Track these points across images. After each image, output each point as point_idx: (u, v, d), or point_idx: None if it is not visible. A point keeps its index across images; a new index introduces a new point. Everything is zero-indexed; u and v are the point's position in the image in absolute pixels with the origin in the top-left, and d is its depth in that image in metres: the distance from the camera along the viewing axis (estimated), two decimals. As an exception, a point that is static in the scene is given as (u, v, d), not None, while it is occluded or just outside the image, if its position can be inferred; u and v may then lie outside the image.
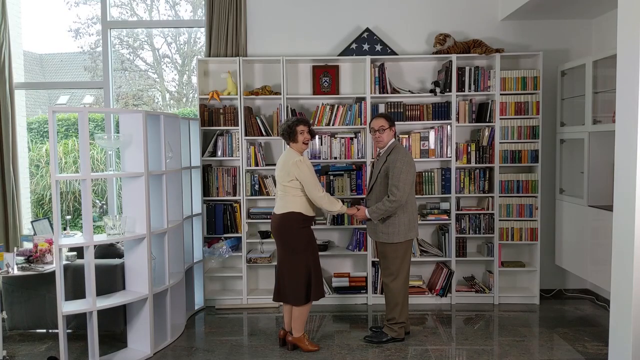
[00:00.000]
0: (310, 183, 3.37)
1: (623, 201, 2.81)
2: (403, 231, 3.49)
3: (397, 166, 3.41)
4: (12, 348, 3.64)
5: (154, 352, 3.52)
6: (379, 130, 3.54)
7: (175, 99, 6.73)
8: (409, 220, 3.52)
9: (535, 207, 4.41)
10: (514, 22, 4.59)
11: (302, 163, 3.38)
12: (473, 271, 4.70)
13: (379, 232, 3.55)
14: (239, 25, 4.53)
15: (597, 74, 3.88)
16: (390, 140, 3.58)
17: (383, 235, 3.53)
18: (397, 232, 3.49)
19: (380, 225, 3.53)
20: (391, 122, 3.60)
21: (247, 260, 4.48)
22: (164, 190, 3.63)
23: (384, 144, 3.57)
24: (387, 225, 3.51)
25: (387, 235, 3.51)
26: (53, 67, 7.34)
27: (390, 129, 3.58)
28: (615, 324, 2.91)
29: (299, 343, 3.53)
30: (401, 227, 3.49)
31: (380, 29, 4.60)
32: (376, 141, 3.60)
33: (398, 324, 3.62)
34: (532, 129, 4.39)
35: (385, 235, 3.52)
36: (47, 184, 6.13)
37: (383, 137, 3.55)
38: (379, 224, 3.53)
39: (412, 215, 3.56)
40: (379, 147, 3.63)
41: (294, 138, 3.46)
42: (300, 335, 3.53)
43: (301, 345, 3.52)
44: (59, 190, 3.09)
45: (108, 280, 3.49)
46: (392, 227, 3.50)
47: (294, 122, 3.48)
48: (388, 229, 3.51)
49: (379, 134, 3.55)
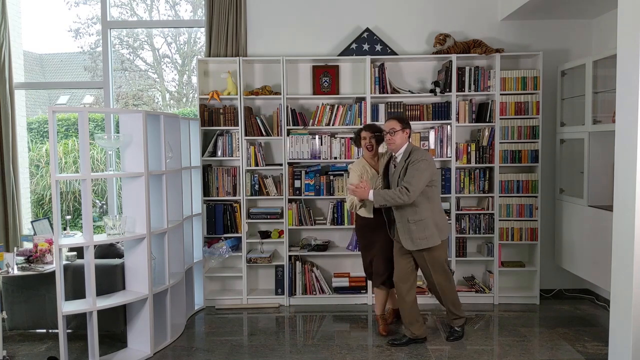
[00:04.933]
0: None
1: (623, 201, 2.81)
2: (437, 233, 3.43)
3: (416, 166, 3.32)
4: (12, 348, 3.64)
5: (154, 352, 3.52)
6: (389, 132, 3.44)
7: (175, 99, 6.73)
8: (441, 220, 3.50)
9: (535, 207, 4.41)
10: (514, 22, 4.59)
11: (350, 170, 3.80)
12: (473, 271, 4.70)
13: (416, 240, 3.39)
14: (239, 25, 4.53)
15: (597, 74, 3.88)
16: (404, 143, 3.47)
17: (422, 241, 3.39)
18: (433, 233, 3.40)
19: (415, 232, 3.38)
20: (404, 124, 3.48)
21: (247, 260, 4.48)
22: (164, 190, 3.63)
23: (395, 146, 3.46)
24: (422, 230, 3.38)
25: (427, 240, 3.39)
26: (53, 67, 7.33)
27: (404, 131, 3.46)
28: (615, 324, 2.90)
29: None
30: (434, 229, 3.41)
31: (380, 29, 4.60)
32: (387, 143, 3.50)
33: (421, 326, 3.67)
34: (532, 129, 4.39)
35: (424, 241, 3.39)
36: (47, 184, 6.13)
37: (395, 140, 3.44)
38: (414, 231, 3.38)
39: (442, 215, 3.55)
40: (391, 149, 3.52)
41: (358, 143, 3.81)
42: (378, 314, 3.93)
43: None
44: (59, 190, 3.09)
45: (108, 280, 3.49)
46: (428, 231, 3.39)
47: (360, 129, 3.80)
48: (425, 233, 3.39)
49: (390, 136, 3.45)
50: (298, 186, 4.44)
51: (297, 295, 4.51)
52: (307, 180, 4.44)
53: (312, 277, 4.50)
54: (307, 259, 4.64)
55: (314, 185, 4.44)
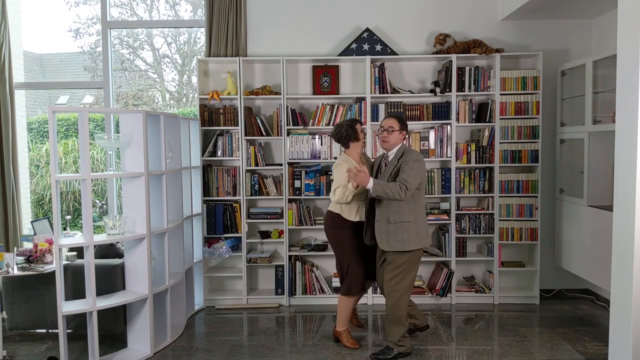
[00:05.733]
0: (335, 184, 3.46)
1: (623, 201, 2.81)
2: (416, 240, 3.26)
3: (411, 165, 3.21)
4: (12, 348, 3.64)
5: (154, 352, 3.52)
6: (387, 130, 3.34)
7: (175, 99, 6.73)
8: (423, 228, 3.32)
9: (535, 207, 4.41)
10: (514, 22, 4.59)
11: (337, 167, 3.48)
12: (473, 271, 4.70)
13: (392, 241, 3.25)
14: (239, 25, 4.53)
15: (597, 74, 3.88)
16: (397, 144, 3.37)
17: (398, 243, 3.25)
18: (411, 239, 3.24)
19: (394, 233, 3.25)
20: (403, 125, 3.38)
21: (247, 260, 4.48)
22: (164, 190, 3.63)
23: (389, 145, 3.36)
24: (401, 232, 3.24)
25: (402, 244, 3.24)
26: (53, 67, 7.33)
27: (401, 132, 3.36)
28: (615, 324, 2.90)
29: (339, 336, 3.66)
30: (414, 235, 3.25)
31: (380, 29, 4.60)
32: (382, 141, 3.39)
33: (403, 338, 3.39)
34: (532, 129, 4.39)
35: (400, 244, 3.24)
36: (47, 184, 6.13)
37: (390, 138, 3.34)
38: (392, 232, 3.24)
39: (424, 223, 3.36)
40: (384, 148, 3.42)
41: (356, 137, 3.51)
42: (340, 330, 3.63)
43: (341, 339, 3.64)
44: (59, 190, 3.09)
45: (108, 280, 3.49)
46: (406, 234, 3.24)
47: (352, 123, 3.52)
48: (402, 236, 3.24)
49: (386, 134, 3.34)
50: (298, 186, 4.45)
51: (297, 295, 4.51)
52: (307, 180, 4.44)
53: (312, 277, 4.50)
54: (307, 259, 4.64)
55: (314, 185, 4.44)
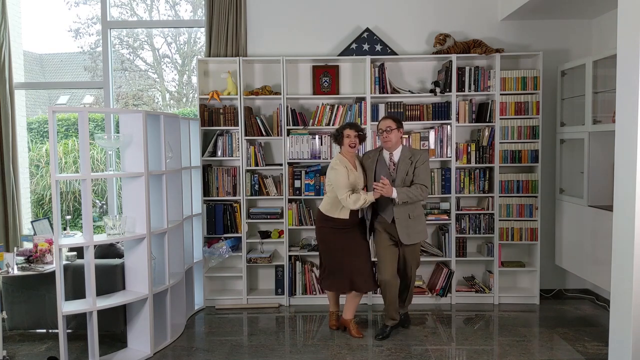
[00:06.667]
0: (337, 186, 3.56)
1: (623, 201, 2.81)
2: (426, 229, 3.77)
3: (427, 166, 3.60)
4: (12, 348, 3.64)
5: (154, 352, 3.52)
6: (386, 131, 3.59)
7: (175, 99, 6.73)
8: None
9: (535, 207, 4.41)
10: (513, 22, 4.59)
11: (332, 168, 3.62)
12: (473, 271, 4.70)
13: (412, 234, 3.62)
14: (239, 25, 4.53)
15: (597, 74, 3.88)
16: (399, 142, 3.66)
17: (417, 235, 3.65)
18: (425, 229, 3.73)
19: (413, 226, 3.61)
20: (398, 123, 3.65)
21: (247, 260, 4.48)
22: (164, 190, 3.63)
23: (392, 144, 3.62)
24: (419, 224, 3.65)
25: (419, 234, 3.66)
26: (53, 67, 7.33)
27: (399, 130, 3.64)
28: (615, 324, 2.91)
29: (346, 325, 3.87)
30: (425, 225, 3.75)
31: (380, 29, 4.60)
32: (384, 141, 3.63)
33: None
34: (532, 129, 4.39)
35: (419, 235, 3.66)
36: (47, 184, 6.13)
37: (391, 137, 3.59)
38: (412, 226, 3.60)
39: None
40: (388, 147, 3.65)
41: (340, 141, 3.71)
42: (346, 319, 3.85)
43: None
44: (59, 190, 3.09)
45: (108, 280, 3.49)
46: (422, 225, 3.69)
47: (342, 127, 3.73)
48: (420, 227, 3.66)
49: (387, 134, 3.59)
50: (298, 186, 4.45)
51: (297, 295, 4.51)
52: (307, 180, 4.44)
53: (312, 277, 4.50)
54: (307, 259, 4.64)
55: (314, 185, 4.44)
